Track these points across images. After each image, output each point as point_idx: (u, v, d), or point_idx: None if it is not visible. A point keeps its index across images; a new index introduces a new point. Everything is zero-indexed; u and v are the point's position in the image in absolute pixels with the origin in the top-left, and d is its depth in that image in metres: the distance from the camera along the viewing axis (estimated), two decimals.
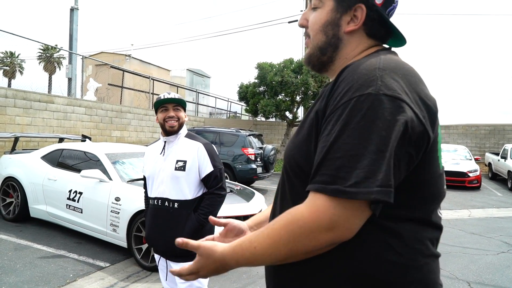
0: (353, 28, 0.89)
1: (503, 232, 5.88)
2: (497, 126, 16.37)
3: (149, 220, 2.23)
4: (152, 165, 2.21)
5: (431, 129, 0.78)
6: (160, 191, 2.14)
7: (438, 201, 0.88)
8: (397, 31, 0.91)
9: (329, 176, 0.72)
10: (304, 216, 0.73)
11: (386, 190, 0.70)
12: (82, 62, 11.51)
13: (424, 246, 0.82)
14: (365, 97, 0.74)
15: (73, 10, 11.19)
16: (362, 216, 0.74)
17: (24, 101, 8.27)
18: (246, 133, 9.43)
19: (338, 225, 0.72)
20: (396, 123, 0.72)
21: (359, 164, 0.70)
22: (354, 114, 0.73)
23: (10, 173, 5.38)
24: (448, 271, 4.10)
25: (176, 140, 2.19)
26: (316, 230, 0.72)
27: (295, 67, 13.35)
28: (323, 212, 0.72)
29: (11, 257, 3.92)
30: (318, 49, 0.93)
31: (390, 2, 0.89)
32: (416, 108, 0.76)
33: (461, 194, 9.73)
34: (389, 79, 0.76)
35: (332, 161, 0.73)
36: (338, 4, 0.89)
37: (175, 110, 2.16)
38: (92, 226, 4.30)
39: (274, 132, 17.06)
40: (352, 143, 0.72)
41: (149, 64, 21.89)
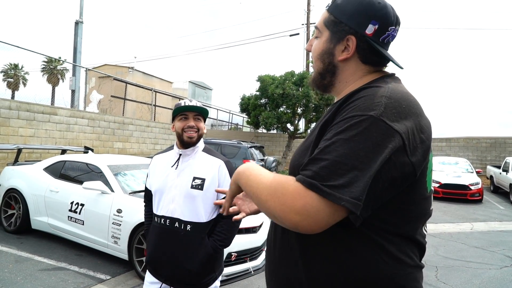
0: (346, 56, 0.97)
1: (506, 246, 5.83)
2: (498, 139, 16.36)
3: (153, 240, 1.94)
4: (162, 178, 1.94)
5: (420, 160, 0.85)
6: (171, 209, 1.89)
7: (423, 221, 0.96)
8: (390, 59, 0.98)
9: (312, 172, 0.80)
10: (289, 189, 0.81)
11: (356, 202, 0.76)
12: (85, 74, 11.62)
13: (408, 258, 0.90)
14: (366, 118, 0.81)
15: (78, 23, 11.37)
16: (331, 216, 0.78)
17: (28, 113, 8.34)
18: (247, 145, 9.47)
19: (307, 213, 0.77)
20: (385, 149, 0.79)
21: (341, 172, 0.77)
22: (352, 129, 0.81)
23: (12, 185, 5.40)
24: (451, 285, 4.07)
25: (193, 154, 1.96)
26: (288, 207, 0.79)
27: (296, 80, 13.45)
28: (300, 196, 0.78)
29: (12, 269, 3.91)
30: (319, 74, 1.04)
31: (383, 31, 0.95)
32: (406, 140, 0.82)
33: (463, 207, 9.67)
34: (392, 109, 0.83)
35: (319, 160, 0.81)
36: (332, 35, 0.98)
37: (195, 120, 1.94)
38: (94, 238, 4.30)
39: (276, 144, 17.08)
40: (341, 152, 0.79)
41: (152, 76, 22.08)
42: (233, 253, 3.76)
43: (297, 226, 0.79)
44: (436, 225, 7.22)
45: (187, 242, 1.86)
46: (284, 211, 0.80)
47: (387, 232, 0.87)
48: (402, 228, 0.89)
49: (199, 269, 1.86)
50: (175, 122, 1.96)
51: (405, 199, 0.87)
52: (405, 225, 0.89)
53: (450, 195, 10.62)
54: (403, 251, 0.89)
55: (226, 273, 3.71)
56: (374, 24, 0.93)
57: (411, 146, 0.82)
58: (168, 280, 1.91)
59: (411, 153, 0.82)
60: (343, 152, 0.79)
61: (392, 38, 0.98)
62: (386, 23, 0.94)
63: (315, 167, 0.80)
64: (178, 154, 1.97)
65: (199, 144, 2.00)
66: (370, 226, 0.85)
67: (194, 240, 1.86)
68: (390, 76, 0.98)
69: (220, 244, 1.91)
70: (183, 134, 1.91)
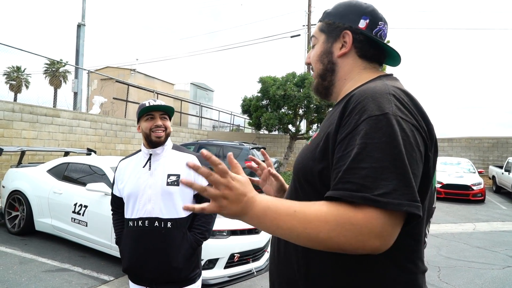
0: (344, 51, 1.02)
1: (508, 246, 5.83)
2: (500, 139, 16.32)
3: (129, 246, 1.91)
4: (134, 181, 1.91)
5: (432, 150, 0.87)
6: (148, 210, 1.86)
7: (428, 218, 0.96)
8: (387, 48, 1.02)
9: (354, 184, 0.76)
10: (358, 217, 0.74)
11: (416, 204, 0.74)
12: (88, 76, 11.69)
13: (409, 262, 0.89)
14: (384, 116, 0.80)
15: (80, 26, 11.43)
16: (400, 225, 0.77)
17: (31, 115, 8.38)
18: (249, 146, 9.49)
19: (388, 234, 0.75)
20: (414, 144, 0.80)
21: (385, 176, 0.74)
22: (375, 130, 0.79)
23: (16, 187, 5.43)
24: (453, 285, 4.07)
25: (163, 153, 1.95)
26: (366, 234, 0.74)
27: (298, 81, 13.46)
28: (376, 219, 0.74)
29: (16, 270, 3.94)
30: (319, 77, 1.07)
31: (375, 25, 1.01)
32: (424, 133, 0.84)
33: (465, 207, 9.66)
34: (400, 105, 0.84)
35: (357, 170, 0.76)
36: (328, 35, 1.05)
37: (162, 119, 1.92)
38: (97, 239, 4.32)
39: (277, 145, 17.09)
40: (376, 156, 0.76)
41: (154, 78, 22.14)
42: (235, 254, 3.78)
43: (378, 250, 0.76)
44: (438, 226, 7.21)
45: (170, 239, 1.85)
46: (362, 240, 0.74)
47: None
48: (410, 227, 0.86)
49: (184, 265, 1.88)
50: (141, 123, 1.94)
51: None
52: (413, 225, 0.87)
53: (453, 196, 10.60)
54: (408, 255, 0.88)
55: (229, 274, 3.73)
56: (365, 19, 1.01)
57: (428, 140, 0.85)
58: (153, 283, 1.89)
59: (430, 146, 0.85)
60: (379, 156, 0.76)
61: (385, 35, 1.04)
62: (376, 18, 1.02)
63: (356, 179, 0.76)
64: (148, 155, 1.94)
65: (168, 142, 1.99)
66: None
67: (176, 236, 1.86)
68: (386, 75, 1.01)
69: (201, 236, 1.93)
70: (151, 134, 1.90)
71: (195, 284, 1.95)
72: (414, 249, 0.90)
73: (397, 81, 0.99)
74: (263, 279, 3.94)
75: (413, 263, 0.90)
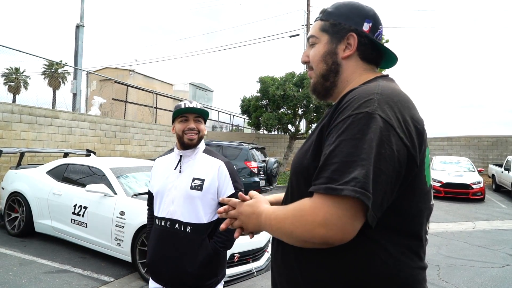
0: (349, 53, 1.03)
1: (508, 245, 5.83)
2: (500, 137, 16.34)
3: (153, 243, 1.93)
4: (163, 180, 1.94)
5: (418, 151, 0.88)
6: (170, 211, 1.87)
7: (426, 216, 0.96)
8: (388, 51, 1.05)
9: (325, 178, 0.82)
10: (306, 208, 0.83)
11: (367, 194, 0.77)
12: (86, 77, 11.67)
13: (409, 259, 0.89)
14: (363, 115, 0.84)
15: (79, 27, 11.42)
16: (355, 219, 0.79)
17: (30, 116, 8.38)
18: (249, 146, 9.48)
19: (330, 222, 0.79)
20: (385, 142, 0.82)
21: (351, 169, 0.79)
22: (351, 127, 0.84)
23: (15, 188, 5.43)
24: (453, 284, 4.07)
25: (194, 155, 1.95)
26: (311, 223, 0.80)
27: (297, 81, 13.46)
28: (319, 208, 0.80)
29: (16, 272, 3.94)
30: (321, 77, 1.06)
31: (376, 29, 1.04)
32: (402, 134, 0.85)
33: (465, 206, 9.67)
34: (384, 104, 0.86)
35: (329, 166, 0.83)
36: (332, 36, 1.04)
37: (196, 122, 1.93)
38: (97, 240, 4.32)
39: (277, 145, 17.09)
40: (347, 152, 0.81)
41: (153, 78, 22.14)
42: (235, 254, 3.78)
43: (327, 240, 0.79)
44: (438, 224, 7.22)
45: (187, 244, 1.83)
46: (308, 230, 0.80)
47: (388, 230, 0.87)
48: (405, 225, 0.89)
49: (199, 272, 1.83)
50: (175, 124, 1.95)
51: (406, 194, 0.88)
52: (407, 222, 0.90)
53: (452, 194, 10.62)
54: (404, 251, 0.88)
55: (229, 274, 3.73)
56: (368, 22, 1.02)
57: (408, 136, 0.86)
58: (169, 283, 1.88)
59: (409, 143, 0.86)
60: (349, 151, 0.81)
61: (381, 37, 1.07)
62: (377, 22, 1.04)
63: (327, 173, 0.82)
64: (179, 156, 1.95)
65: (200, 145, 1.98)
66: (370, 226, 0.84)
67: (195, 241, 1.83)
68: (382, 76, 1.03)
69: (221, 245, 1.87)
70: (183, 136, 1.90)
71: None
72: (414, 245, 0.91)
73: (393, 82, 1.01)
74: (263, 279, 3.94)
75: (413, 259, 0.90)
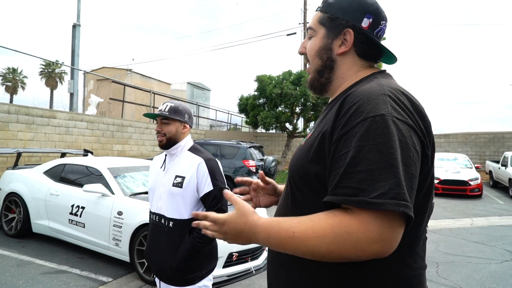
0: (344, 50, 0.98)
1: (506, 241, 5.86)
2: (497, 134, 16.39)
3: (148, 236, 2.09)
4: (154, 177, 2.09)
5: (431, 149, 0.86)
6: (158, 206, 2.00)
7: (428, 214, 0.94)
8: (386, 50, 1.00)
9: (351, 189, 0.75)
10: (353, 225, 0.75)
11: (407, 204, 0.73)
12: (84, 77, 11.64)
13: (412, 259, 0.88)
14: (380, 118, 0.79)
15: (75, 26, 11.36)
16: (402, 227, 0.76)
17: (27, 116, 8.34)
18: (247, 145, 9.47)
19: (385, 237, 0.74)
20: (410, 145, 0.78)
21: (382, 177, 0.73)
22: (371, 132, 0.78)
23: (12, 189, 5.40)
24: (452, 280, 4.08)
25: (179, 153, 2.03)
26: (365, 241, 0.74)
27: (294, 79, 13.45)
28: (371, 224, 0.74)
29: (14, 273, 3.92)
30: (317, 72, 1.03)
31: (377, 25, 0.98)
32: (420, 133, 0.82)
33: (462, 202, 9.69)
34: (396, 104, 0.83)
35: (354, 174, 0.76)
36: (329, 30, 1.00)
37: (163, 124, 2.00)
38: (95, 240, 4.30)
39: (275, 144, 17.09)
40: (373, 158, 0.75)
41: (150, 78, 22.07)
42: (234, 253, 3.77)
43: (380, 255, 0.75)
44: (436, 221, 7.24)
45: (170, 238, 1.94)
46: (361, 248, 0.74)
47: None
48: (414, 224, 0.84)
49: (178, 265, 1.90)
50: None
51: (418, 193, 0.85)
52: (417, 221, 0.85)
53: (450, 191, 10.64)
54: (407, 252, 0.87)
55: (228, 273, 3.73)
56: (368, 18, 0.97)
57: (426, 138, 0.83)
58: (158, 274, 2.03)
59: (428, 145, 0.84)
60: (375, 158, 0.75)
61: (383, 33, 1.01)
62: (379, 17, 0.98)
63: (353, 183, 0.76)
64: (165, 155, 2.10)
65: (183, 143, 2.03)
66: None
67: (176, 236, 1.92)
68: (380, 72, 0.99)
69: (199, 241, 1.88)
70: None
71: (195, 286, 1.96)
72: (414, 245, 0.89)
73: (391, 79, 0.97)
74: (262, 278, 3.94)
75: (413, 259, 0.89)
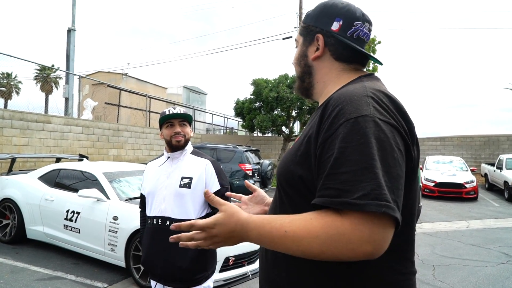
0: (317, 54, 1.02)
1: (501, 243, 5.88)
2: (492, 137, 16.51)
3: (147, 241, 2.07)
4: (153, 182, 2.09)
5: (415, 149, 0.87)
6: (162, 209, 2.01)
7: (415, 217, 0.94)
8: (358, 49, 0.99)
9: (335, 190, 0.76)
10: (345, 226, 0.75)
11: (389, 205, 0.73)
12: (79, 81, 11.58)
13: (400, 264, 0.88)
14: (362, 119, 0.80)
15: (70, 31, 11.33)
16: (391, 228, 0.76)
17: (21, 121, 8.28)
18: (243, 148, 9.48)
19: (377, 238, 0.74)
20: (395, 144, 0.79)
21: (364, 178, 0.74)
22: (353, 133, 0.79)
23: (6, 195, 5.35)
24: (448, 283, 4.09)
25: (182, 157, 2.10)
26: (356, 242, 0.74)
27: (290, 83, 13.49)
28: (362, 225, 0.74)
29: (8, 280, 3.88)
30: (299, 79, 1.09)
31: (349, 26, 0.99)
32: (404, 133, 0.83)
33: (458, 205, 9.74)
34: (379, 105, 0.84)
35: (337, 175, 0.77)
36: (304, 39, 1.06)
37: (181, 126, 2.08)
38: (90, 246, 4.27)
39: (271, 147, 17.09)
40: (355, 159, 0.76)
41: (146, 82, 22.03)
42: (230, 257, 3.76)
43: (373, 255, 0.75)
44: (432, 224, 7.26)
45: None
46: (352, 249, 0.74)
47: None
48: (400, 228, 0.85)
49: (189, 266, 1.96)
50: (163, 130, 2.12)
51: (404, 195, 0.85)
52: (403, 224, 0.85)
53: (446, 194, 10.69)
54: (395, 257, 0.87)
55: (224, 277, 3.71)
56: (338, 21, 0.99)
57: (409, 139, 0.85)
58: (162, 279, 2.02)
59: (411, 145, 0.85)
60: (357, 159, 0.76)
61: (364, 35, 1.00)
62: (350, 18, 0.99)
63: (337, 184, 0.76)
64: (167, 157, 2.13)
65: (187, 147, 2.14)
66: None
67: None
68: (367, 75, 1.00)
69: None
70: (171, 140, 2.06)
71: (201, 286, 2.02)
72: (405, 250, 0.89)
73: (378, 81, 0.98)
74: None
75: (404, 265, 0.89)
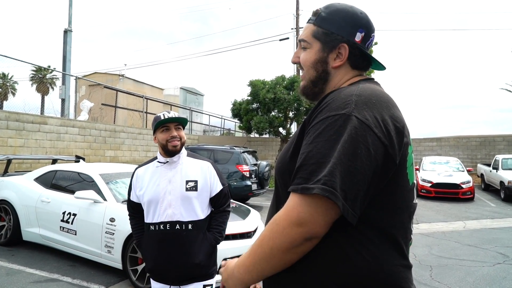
0: (340, 63, 1.04)
1: (498, 243, 5.91)
2: (488, 137, 16.61)
3: (153, 248, 2.05)
4: (154, 188, 2.06)
5: (397, 149, 0.89)
6: (169, 214, 2.01)
7: (409, 214, 0.97)
8: (376, 61, 1.08)
9: (303, 179, 0.84)
10: (279, 215, 0.85)
11: (334, 192, 0.79)
12: (75, 82, 11.55)
13: (389, 255, 0.90)
14: (339, 116, 0.87)
15: (67, 32, 11.29)
16: (326, 215, 0.82)
17: (17, 122, 8.23)
18: (240, 150, 9.46)
19: (305, 220, 0.81)
20: (360, 142, 0.83)
21: (322, 168, 0.82)
22: (328, 129, 0.86)
23: (2, 196, 5.31)
24: (445, 284, 4.10)
25: (179, 160, 2.11)
26: (287, 226, 0.82)
27: (287, 84, 13.51)
28: (291, 209, 0.83)
29: (3, 282, 3.84)
30: (311, 82, 1.09)
31: (368, 38, 1.05)
32: (380, 133, 0.86)
33: (455, 205, 9.78)
34: (362, 105, 0.89)
35: (306, 166, 0.85)
36: (324, 45, 1.04)
37: (177, 130, 2.07)
38: (86, 248, 4.24)
39: (268, 148, 17.10)
40: (323, 153, 0.84)
41: (143, 83, 21.99)
42: (228, 259, 3.74)
43: (306, 236, 0.82)
44: (429, 225, 7.28)
45: (191, 239, 2.03)
46: (287, 234, 0.82)
47: (368, 226, 0.87)
48: (385, 222, 0.89)
49: (206, 261, 2.06)
50: (157, 134, 2.07)
51: (387, 191, 0.90)
52: (388, 219, 0.90)
53: (442, 194, 10.74)
54: (384, 248, 0.89)
55: None
56: (361, 32, 1.03)
57: (386, 135, 0.87)
58: (176, 281, 2.05)
59: (388, 142, 0.87)
60: (324, 153, 0.84)
61: (372, 44, 1.09)
62: (370, 30, 1.05)
63: (304, 174, 0.84)
64: (164, 162, 2.10)
65: (183, 150, 2.15)
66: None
67: (197, 236, 2.04)
68: (366, 79, 1.05)
69: (219, 235, 2.12)
70: (167, 144, 2.04)
71: (213, 279, 2.13)
72: (395, 242, 0.91)
73: (374, 84, 1.03)
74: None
75: (394, 256, 0.90)
